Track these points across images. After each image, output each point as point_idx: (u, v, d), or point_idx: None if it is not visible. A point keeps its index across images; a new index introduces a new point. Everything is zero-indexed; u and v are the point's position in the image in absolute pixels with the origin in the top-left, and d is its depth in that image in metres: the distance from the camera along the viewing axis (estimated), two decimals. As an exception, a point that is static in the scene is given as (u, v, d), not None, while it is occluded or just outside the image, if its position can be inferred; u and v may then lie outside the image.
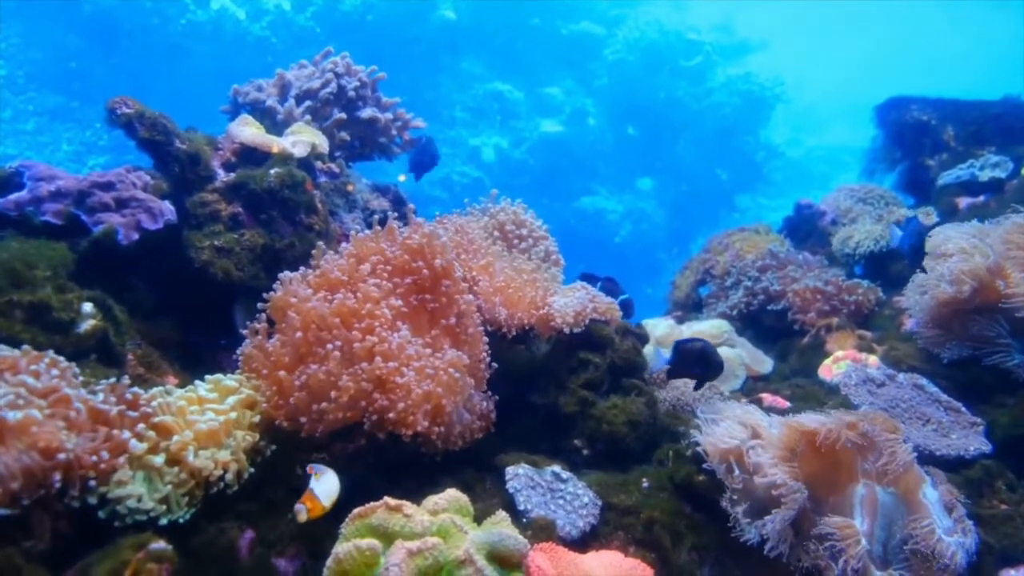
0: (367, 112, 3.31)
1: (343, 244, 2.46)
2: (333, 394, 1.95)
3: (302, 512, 1.68)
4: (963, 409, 2.56)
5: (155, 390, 1.92)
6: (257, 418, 1.98)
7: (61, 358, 1.77)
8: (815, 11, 24.59)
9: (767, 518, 1.84)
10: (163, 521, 1.68)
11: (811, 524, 1.86)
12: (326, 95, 3.20)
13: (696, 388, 2.75)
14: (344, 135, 3.26)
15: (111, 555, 1.54)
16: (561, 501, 2.03)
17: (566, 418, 2.45)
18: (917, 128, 4.41)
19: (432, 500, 1.68)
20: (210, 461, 1.78)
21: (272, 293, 2.19)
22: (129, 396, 1.79)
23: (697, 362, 2.51)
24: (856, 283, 3.49)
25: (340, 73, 3.25)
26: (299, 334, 2.03)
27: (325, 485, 1.75)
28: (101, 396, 1.74)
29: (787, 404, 2.78)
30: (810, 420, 1.98)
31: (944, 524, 1.85)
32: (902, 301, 2.99)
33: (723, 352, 3.28)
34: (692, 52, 15.50)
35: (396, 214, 3.24)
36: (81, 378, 1.79)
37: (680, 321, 3.75)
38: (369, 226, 2.47)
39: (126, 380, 1.84)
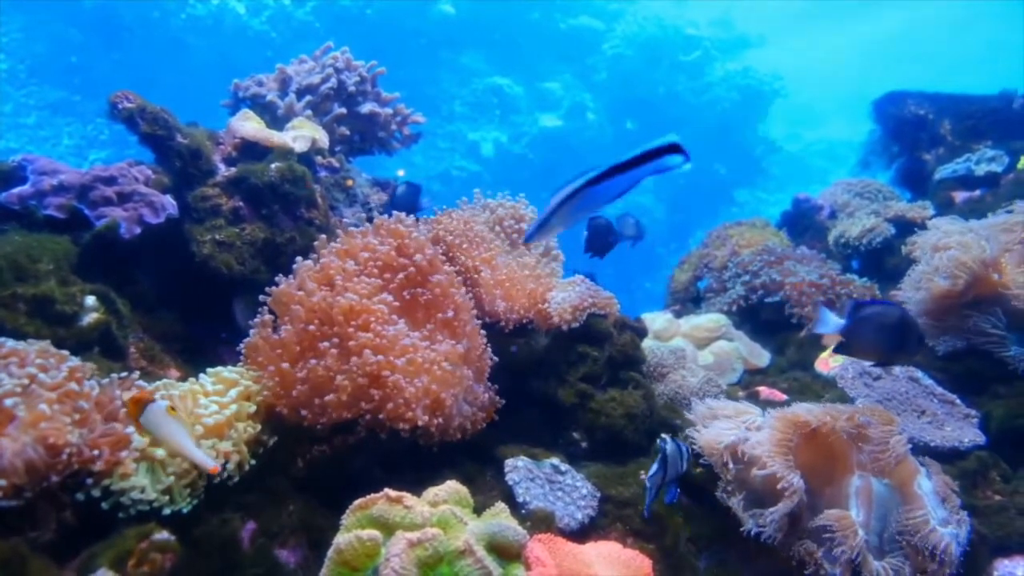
0: (367, 107, 3.32)
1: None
2: (332, 395, 1.97)
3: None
4: (958, 401, 2.58)
5: (158, 383, 1.94)
6: (253, 408, 2.00)
7: (76, 358, 1.78)
8: (813, 6, 24.55)
9: (766, 511, 1.86)
10: (166, 512, 1.69)
11: (807, 514, 1.88)
12: (326, 90, 3.21)
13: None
14: (344, 130, 3.28)
15: (115, 545, 1.56)
16: (560, 493, 2.05)
17: (565, 411, 2.47)
18: (914, 122, 4.43)
19: (432, 491, 1.70)
20: (212, 451, 1.80)
21: (275, 287, 2.20)
22: (135, 391, 1.81)
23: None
24: (850, 279, 3.51)
25: (340, 68, 3.27)
26: (311, 326, 2.05)
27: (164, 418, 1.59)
28: (109, 390, 1.76)
29: (784, 397, 2.81)
30: (805, 411, 2.01)
31: (938, 515, 1.87)
32: (898, 295, 3.01)
33: (721, 346, 3.31)
34: (691, 47, 15.52)
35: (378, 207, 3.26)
36: (82, 368, 1.81)
37: (678, 315, 3.77)
38: (370, 220, 2.48)
39: (136, 375, 1.86)
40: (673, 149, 1.35)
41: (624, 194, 1.39)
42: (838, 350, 2.37)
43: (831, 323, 2.26)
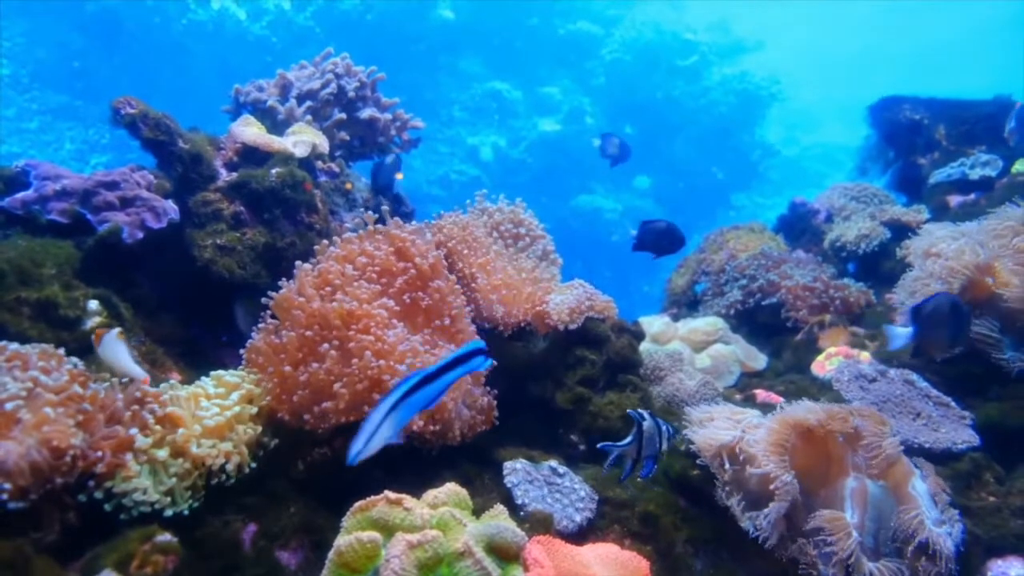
0: (367, 112, 3.35)
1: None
2: (331, 403, 1.99)
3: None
4: (952, 403, 2.60)
5: (162, 386, 1.96)
6: (255, 410, 2.02)
7: (78, 361, 1.81)
8: (810, 11, 24.62)
9: (762, 511, 1.88)
10: (168, 513, 1.71)
11: (803, 516, 1.90)
12: (326, 95, 3.23)
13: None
14: (344, 135, 3.30)
15: (118, 547, 1.58)
16: (558, 495, 2.06)
17: (563, 413, 2.49)
18: (910, 127, 4.45)
19: (432, 494, 1.72)
20: (213, 448, 1.82)
21: (280, 292, 2.22)
22: (138, 393, 1.83)
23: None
24: (844, 283, 3.54)
25: (340, 74, 3.29)
26: (309, 332, 2.07)
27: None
28: (111, 393, 1.78)
29: (781, 400, 2.82)
30: (801, 411, 2.02)
31: (933, 515, 1.89)
32: (894, 299, 3.03)
33: (718, 349, 3.33)
34: (688, 51, 15.53)
35: (395, 213, 3.28)
36: (85, 372, 1.83)
37: (676, 318, 3.79)
38: (381, 221, 2.50)
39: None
40: (479, 352, 1.57)
41: (440, 397, 1.54)
42: (915, 355, 2.54)
43: (901, 336, 2.44)
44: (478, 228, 2.76)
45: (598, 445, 1.94)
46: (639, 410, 1.94)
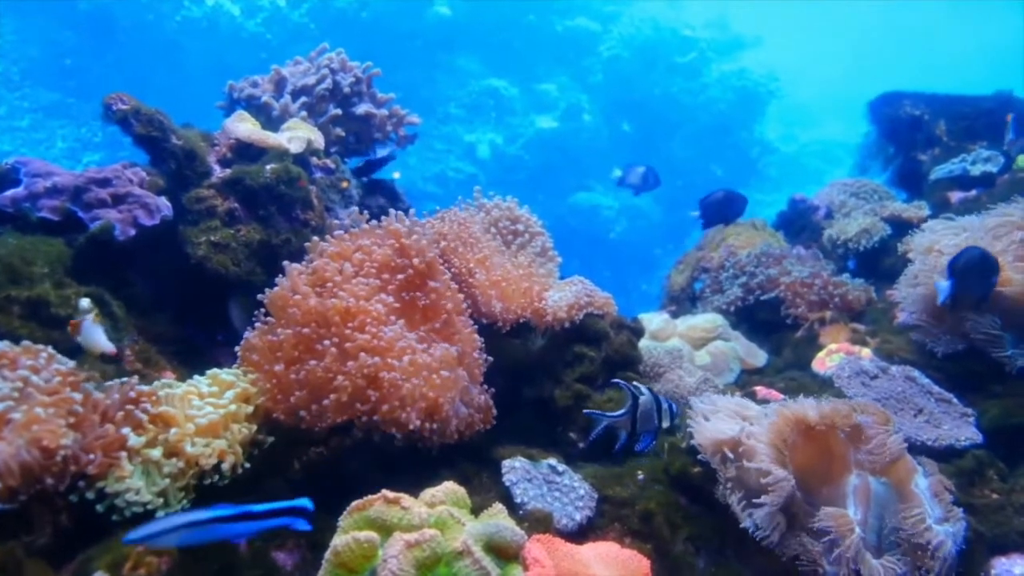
0: (362, 108, 3.32)
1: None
2: (332, 396, 1.96)
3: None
4: (954, 400, 2.58)
5: (156, 384, 1.94)
6: (250, 409, 1.99)
7: (69, 360, 1.78)
8: (808, 7, 24.63)
9: (757, 503, 1.86)
10: (160, 514, 1.69)
11: (806, 514, 1.88)
12: (321, 91, 3.20)
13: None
14: (339, 131, 3.27)
15: (112, 549, 1.56)
16: (557, 493, 2.04)
17: (561, 411, 2.46)
18: (910, 123, 4.44)
19: (430, 492, 1.70)
20: (207, 448, 1.80)
21: (274, 289, 2.19)
22: (132, 394, 1.80)
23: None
24: (842, 280, 3.52)
25: (335, 69, 3.26)
26: (306, 330, 2.04)
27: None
28: (104, 393, 1.75)
29: (781, 397, 2.80)
30: (802, 406, 2.00)
31: (935, 513, 1.87)
32: (895, 295, 3.01)
33: (717, 346, 3.31)
34: (686, 48, 15.54)
35: (391, 209, 3.25)
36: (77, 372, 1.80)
37: (675, 315, 3.77)
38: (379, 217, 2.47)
39: (134, 379, 1.86)
40: (303, 512, 1.54)
41: (245, 537, 1.54)
42: (953, 308, 2.65)
43: (944, 289, 2.55)
44: (476, 224, 2.74)
45: (584, 411, 1.90)
46: (636, 383, 1.91)
